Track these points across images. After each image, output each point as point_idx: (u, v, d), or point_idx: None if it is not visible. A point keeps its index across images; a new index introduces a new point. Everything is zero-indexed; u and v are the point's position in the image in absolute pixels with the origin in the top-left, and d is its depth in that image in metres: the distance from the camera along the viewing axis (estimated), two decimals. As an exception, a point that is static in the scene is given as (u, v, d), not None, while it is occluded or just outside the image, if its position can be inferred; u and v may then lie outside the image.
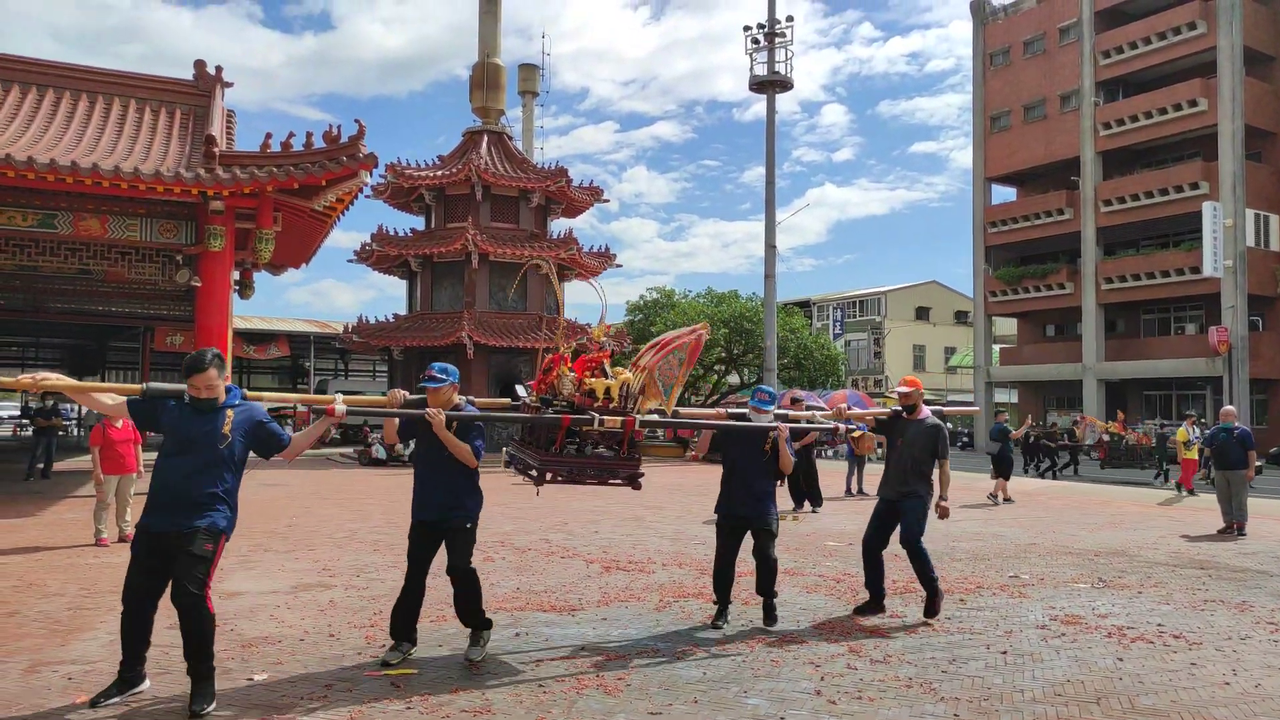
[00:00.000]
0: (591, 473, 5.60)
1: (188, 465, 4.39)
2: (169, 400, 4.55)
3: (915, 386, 6.67)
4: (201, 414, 4.46)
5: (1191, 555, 9.41)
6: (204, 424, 4.44)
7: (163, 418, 4.52)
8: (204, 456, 4.41)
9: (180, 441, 4.44)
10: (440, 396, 5.14)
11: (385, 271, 28.83)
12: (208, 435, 4.43)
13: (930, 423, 6.51)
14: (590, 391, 5.46)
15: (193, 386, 4.43)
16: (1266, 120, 32.81)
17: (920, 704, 4.50)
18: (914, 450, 6.41)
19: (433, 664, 5.13)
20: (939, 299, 58.52)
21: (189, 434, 4.43)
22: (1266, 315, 32.99)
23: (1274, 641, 5.81)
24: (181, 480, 4.37)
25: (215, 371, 4.45)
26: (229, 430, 4.47)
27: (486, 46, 28.62)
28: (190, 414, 4.47)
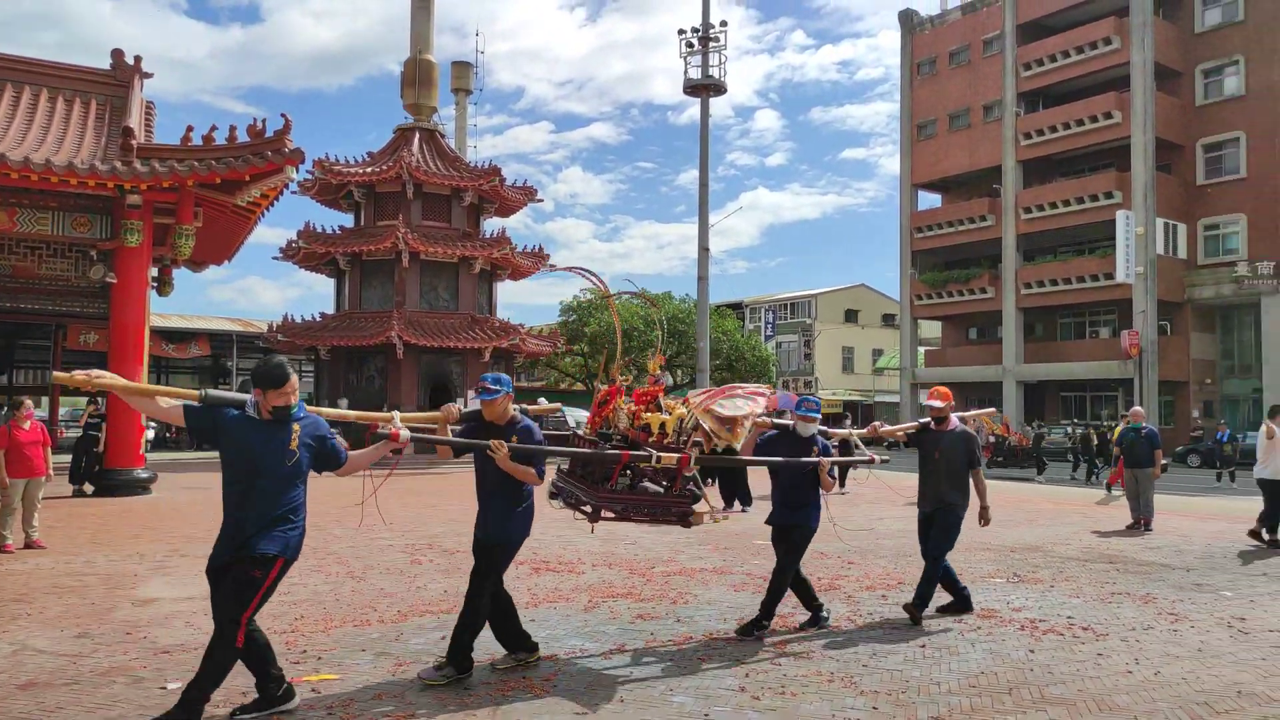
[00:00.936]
0: (645, 511, 5.51)
1: (258, 482, 4.17)
2: (230, 410, 4.27)
3: (947, 399, 6.75)
4: (268, 427, 4.21)
5: (1101, 550, 9.78)
6: (271, 437, 4.20)
7: (222, 429, 4.24)
8: (272, 472, 4.19)
9: (245, 456, 4.20)
10: (496, 408, 5.03)
11: (313, 269, 28.21)
12: (274, 451, 4.20)
13: (962, 431, 6.64)
14: (645, 427, 5.43)
15: (271, 398, 4.18)
16: (1175, 134, 34.30)
17: (841, 698, 4.60)
18: (951, 461, 6.51)
19: (355, 668, 5.05)
20: (867, 302, 59.72)
21: (256, 448, 4.19)
22: (1174, 320, 34.48)
23: (1174, 631, 6.09)
24: (254, 498, 4.15)
25: (295, 379, 4.27)
26: (296, 446, 4.26)
27: (419, 42, 28.25)
28: (256, 426, 4.21)
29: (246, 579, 4.08)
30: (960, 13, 40.08)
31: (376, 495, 5.36)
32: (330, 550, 9.32)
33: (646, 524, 5.62)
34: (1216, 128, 34.10)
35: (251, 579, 4.08)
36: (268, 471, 4.18)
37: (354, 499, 7.52)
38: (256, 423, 4.21)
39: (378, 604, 6.75)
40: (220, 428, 4.23)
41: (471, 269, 26.89)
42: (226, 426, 4.22)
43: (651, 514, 5.57)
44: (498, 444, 4.79)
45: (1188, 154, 34.74)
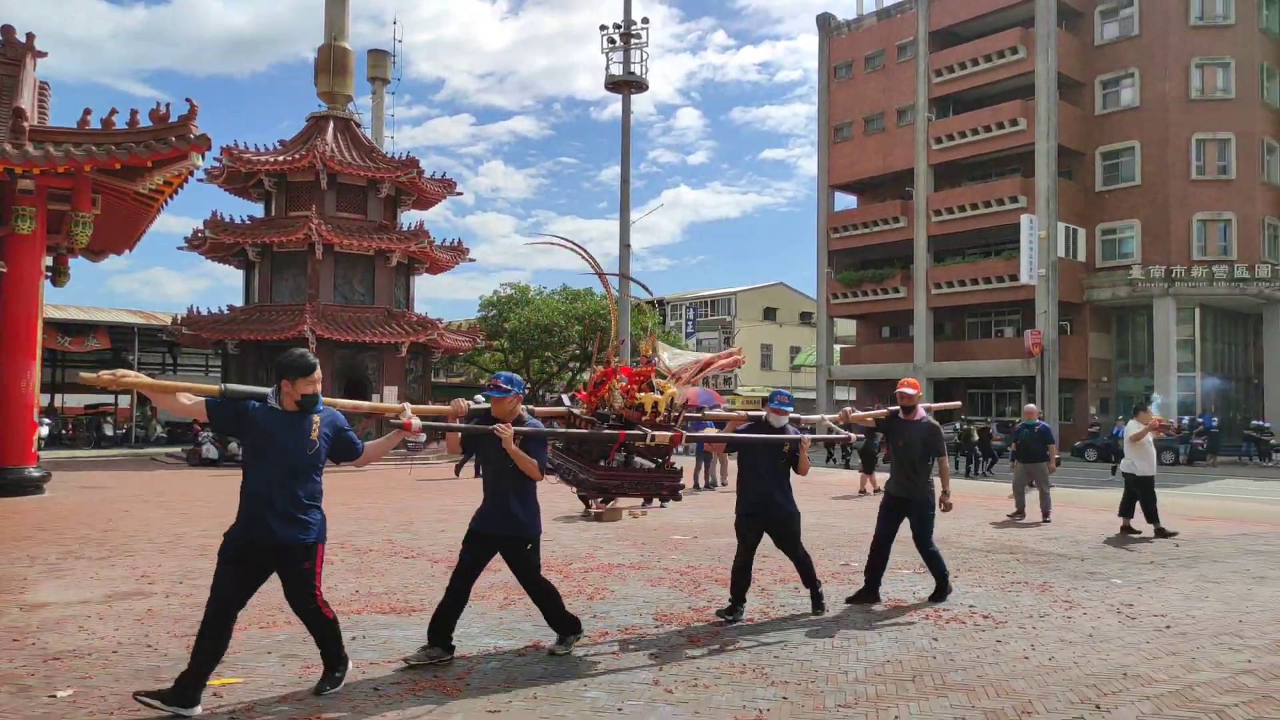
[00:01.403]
0: (639, 486, 5.85)
1: (278, 472, 4.33)
2: (251, 402, 4.41)
3: (915, 389, 7.11)
4: (291, 417, 4.38)
5: (1003, 541, 10.17)
6: (293, 429, 4.37)
7: (245, 421, 4.37)
8: (295, 462, 4.36)
9: (268, 447, 4.35)
10: (505, 406, 5.14)
11: (221, 260, 27.29)
12: (297, 441, 4.37)
13: (927, 423, 6.95)
14: (639, 405, 5.67)
15: (300, 386, 4.35)
16: (1076, 141, 35.83)
17: (752, 689, 4.67)
18: (913, 450, 6.82)
19: (260, 671, 4.91)
20: (785, 300, 60.78)
21: (278, 439, 4.35)
22: (1074, 321, 36.03)
23: (1068, 618, 6.37)
24: (273, 487, 4.31)
25: (319, 373, 4.44)
26: (317, 436, 4.43)
27: (334, 29, 27.57)
28: (279, 417, 4.37)
29: (302, 573, 4.41)
30: (876, 18, 41.05)
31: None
32: (236, 550, 9.03)
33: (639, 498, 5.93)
34: (1114, 137, 35.74)
35: (305, 571, 4.42)
36: (292, 460, 4.35)
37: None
38: (280, 413, 4.38)
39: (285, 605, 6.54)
40: (244, 419, 4.37)
41: (388, 262, 26.39)
42: (250, 418, 4.37)
43: (644, 489, 5.94)
44: (503, 426, 4.97)
45: (1087, 161, 36.33)
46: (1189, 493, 17.86)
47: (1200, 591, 7.34)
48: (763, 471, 6.28)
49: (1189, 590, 7.40)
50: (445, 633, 5.14)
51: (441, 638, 5.13)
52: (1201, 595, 7.18)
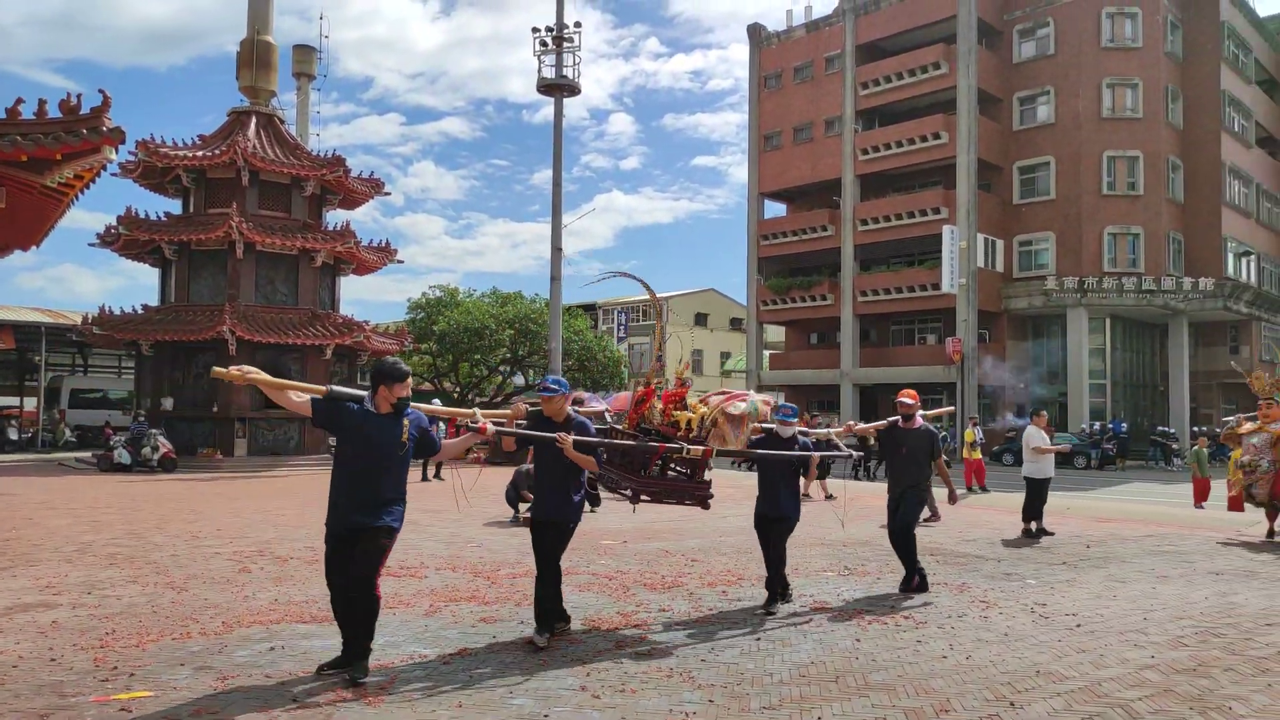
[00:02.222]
0: (674, 495, 6.71)
1: (374, 467, 4.87)
2: (351, 404, 4.92)
3: (914, 399, 7.72)
4: (385, 420, 4.90)
5: (923, 544, 10.39)
6: (388, 429, 4.90)
7: (345, 421, 4.90)
8: (388, 459, 4.90)
9: (365, 445, 4.87)
10: (554, 405, 5.75)
11: (135, 258, 26.30)
12: (390, 440, 4.90)
13: (925, 429, 7.64)
14: (674, 422, 6.49)
15: (396, 390, 4.90)
16: (995, 156, 37.02)
17: (679, 692, 4.69)
18: (917, 455, 7.51)
19: (172, 684, 4.74)
20: (716, 306, 61.33)
21: (374, 438, 4.87)
22: (992, 329, 37.19)
23: (985, 618, 6.56)
24: (368, 481, 4.85)
25: (406, 385, 4.97)
26: (407, 437, 4.95)
27: (257, 22, 26.85)
28: (375, 419, 4.89)
29: (378, 547, 4.85)
30: (805, 31, 41.78)
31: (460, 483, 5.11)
32: (149, 559, 8.71)
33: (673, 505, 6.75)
34: (1030, 152, 37.04)
35: (382, 546, 4.88)
36: (385, 458, 4.89)
37: (181, 505, 7.04)
38: (375, 415, 4.90)
39: (200, 615, 6.36)
40: (342, 418, 4.90)
41: (313, 262, 25.78)
42: (348, 418, 4.89)
43: (679, 497, 6.72)
44: (564, 436, 5.53)
45: (1005, 175, 37.57)
46: (1100, 496, 18.58)
47: (1109, 591, 7.63)
48: (775, 479, 6.93)
49: (1098, 590, 7.69)
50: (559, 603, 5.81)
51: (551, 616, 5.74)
52: (1110, 594, 7.47)
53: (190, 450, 23.49)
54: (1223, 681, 5.00)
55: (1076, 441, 29.76)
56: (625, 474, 6.41)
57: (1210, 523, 12.46)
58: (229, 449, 23.90)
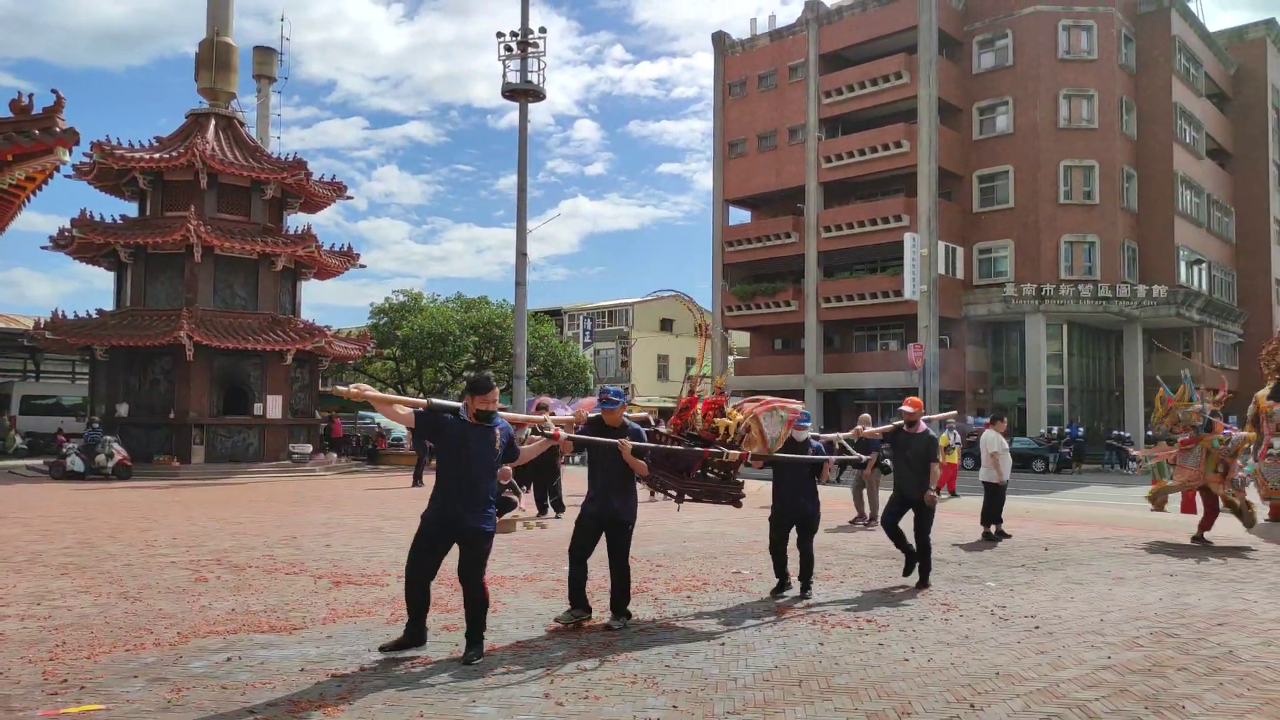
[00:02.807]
0: (711, 496, 7.35)
1: (471, 472, 5.41)
2: (447, 415, 5.49)
3: (918, 407, 8.45)
4: (479, 429, 5.45)
5: (886, 547, 10.46)
6: (482, 438, 5.46)
7: (444, 430, 5.45)
8: (483, 465, 5.46)
9: (462, 452, 5.41)
10: (615, 415, 6.39)
11: (90, 262, 25.80)
12: (485, 448, 5.46)
13: (928, 435, 8.31)
14: (714, 428, 7.11)
15: (481, 401, 5.42)
16: (955, 164, 37.56)
17: (643, 698, 4.68)
18: (920, 458, 8.12)
19: (124, 697, 4.63)
20: (682, 312, 61.35)
21: (470, 446, 5.41)
22: (953, 335, 37.68)
23: (945, 620, 6.63)
24: (467, 485, 5.39)
25: (497, 391, 5.54)
26: (499, 445, 5.53)
27: (216, 22, 26.50)
28: (469, 429, 5.43)
29: (481, 551, 5.46)
30: (769, 39, 42.10)
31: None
32: (102, 568, 8.51)
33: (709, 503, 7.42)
34: (989, 161, 37.64)
35: (484, 551, 5.48)
36: (478, 464, 5.44)
37: (136, 514, 6.89)
38: (469, 425, 5.44)
39: (154, 626, 6.23)
40: (441, 428, 5.46)
41: (273, 266, 25.45)
42: (445, 428, 5.45)
43: (715, 497, 7.41)
44: (624, 441, 6.17)
45: (966, 184, 38.13)
46: (1058, 499, 18.89)
47: (1067, 593, 7.75)
48: (791, 481, 7.56)
49: (1056, 592, 7.81)
50: (582, 596, 6.32)
51: (580, 600, 6.31)
52: (1068, 596, 7.59)
53: (146, 457, 23.04)
54: (1176, 681, 5.09)
55: (1035, 446, 30.23)
56: (670, 476, 7.02)
57: (1165, 525, 12.71)
58: (186, 456, 23.47)
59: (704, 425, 7.08)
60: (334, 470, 25.61)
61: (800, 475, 7.54)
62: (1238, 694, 4.86)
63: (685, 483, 7.08)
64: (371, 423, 36.77)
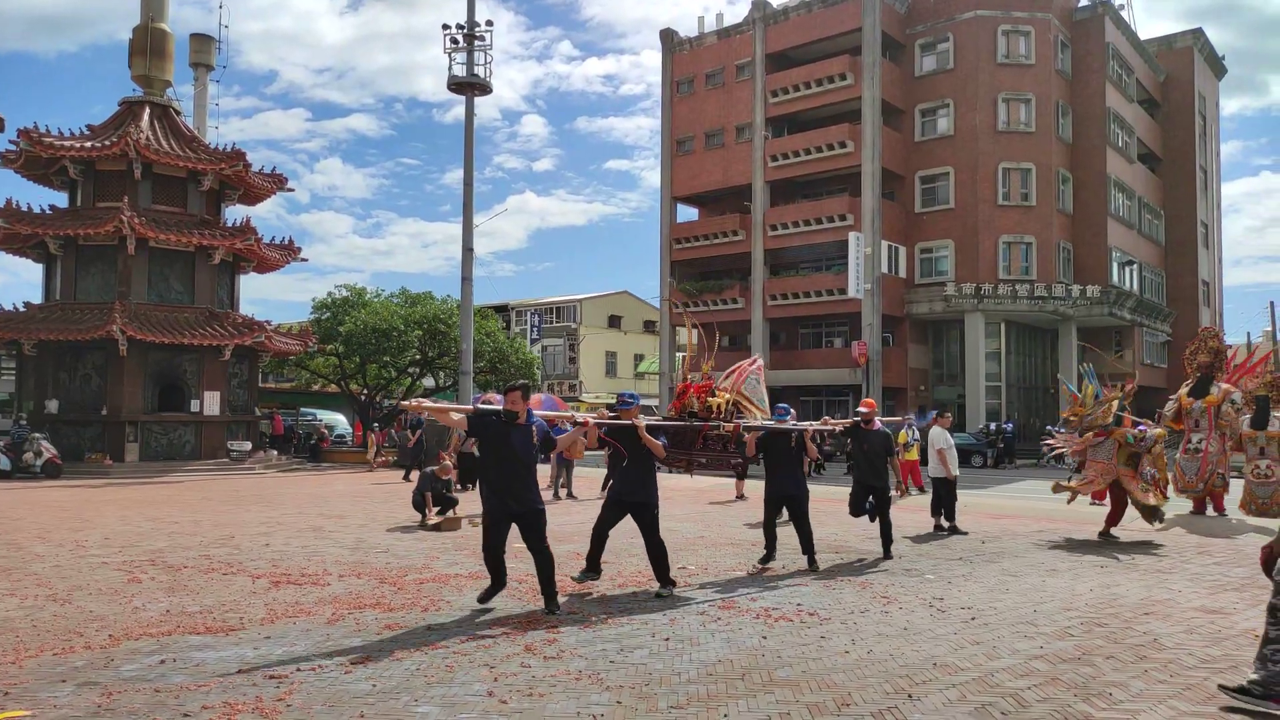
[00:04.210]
0: (716, 464, 8.95)
1: (516, 466, 6.46)
2: (491, 417, 6.58)
3: (872, 407, 9.67)
4: (518, 429, 6.48)
5: (829, 542, 10.65)
6: (521, 437, 6.50)
7: (490, 430, 6.51)
8: (525, 460, 6.51)
9: (505, 449, 6.45)
10: (631, 414, 7.36)
11: (16, 253, 24.94)
12: (525, 445, 6.52)
13: (883, 431, 9.59)
14: (709, 407, 8.23)
15: (512, 403, 6.46)
16: (898, 165, 38.20)
17: (587, 695, 4.68)
18: (875, 452, 9.35)
19: (52, 702, 4.48)
20: (630, 308, 61.51)
21: (512, 444, 6.45)
22: (895, 333, 38.35)
23: (885, 613, 6.75)
24: (514, 477, 6.46)
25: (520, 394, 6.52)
26: (536, 439, 6.60)
27: (151, 9, 25.76)
28: (509, 429, 6.47)
29: (540, 521, 6.61)
30: (716, 38, 42.32)
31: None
32: (29, 570, 8.24)
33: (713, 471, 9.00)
34: (931, 162, 38.36)
35: (543, 521, 6.63)
36: (521, 458, 6.49)
37: (66, 513, 6.66)
38: (510, 425, 6.49)
39: (85, 628, 6.05)
40: (487, 428, 6.54)
41: (210, 259, 24.85)
42: (491, 427, 6.52)
43: (720, 464, 9.02)
44: (638, 422, 7.22)
45: (908, 184, 38.80)
46: (994, 493, 19.34)
47: (1002, 585, 7.95)
48: (781, 464, 8.53)
49: (992, 584, 8.00)
50: (597, 562, 7.42)
51: (595, 565, 7.41)
52: (1003, 588, 7.79)
53: (77, 455, 22.35)
54: (1105, 669, 5.26)
55: (974, 441, 30.92)
56: (679, 451, 8.23)
57: (1096, 518, 13.09)
58: (119, 454, 22.81)
59: (700, 405, 8.21)
60: (274, 468, 25.11)
61: (789, 462, 8.54)
62: (1161, 680, 5.04)
63: (693, 453, 8.37)
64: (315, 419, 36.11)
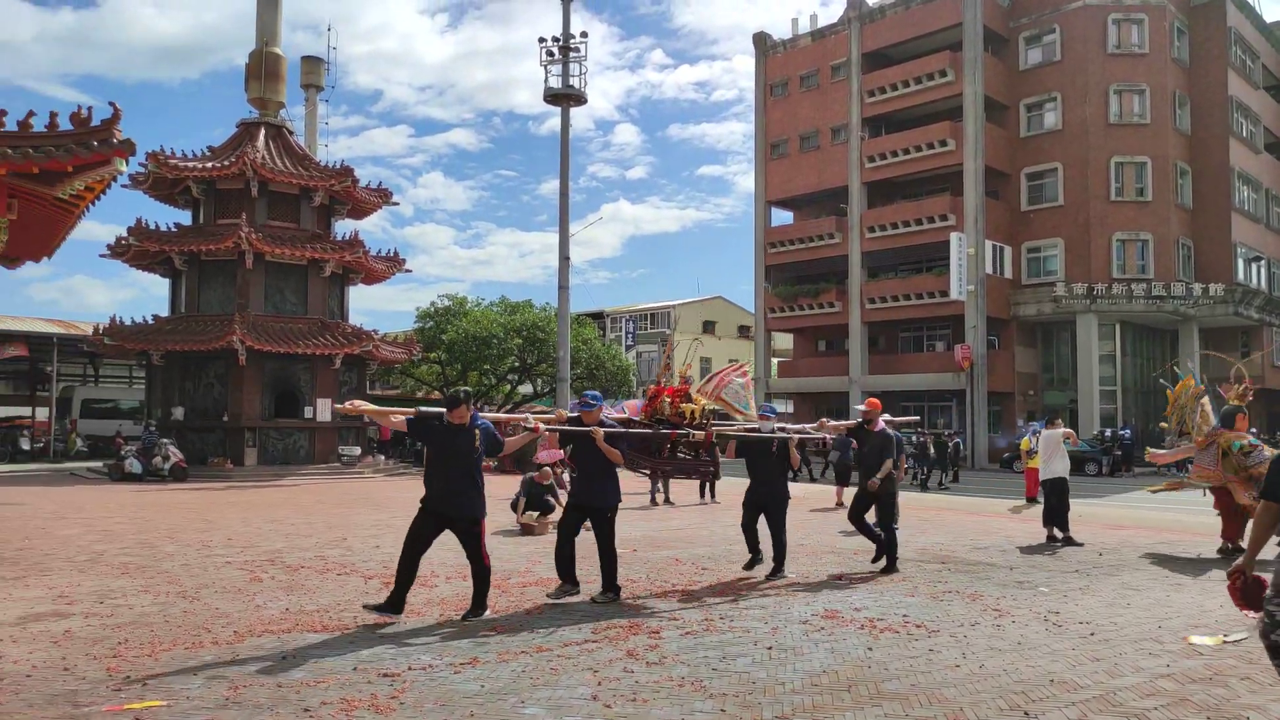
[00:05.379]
0: (683, 471, 8.59)
1: (455, 469, 6.40)
2: (434, 421, 6.48)
3: (875, 407, 9.19)
4: (461, 431, 6.43)
5: (935, 552, 10.38)
6: (463, 440, 6.43)
7: (432, 433, 6.47)
8: (465, 463, 6.42)
9: (447, 452, 6.43)
10: (592, 415, 7.16)
11: (145, 269, 26.47)
12: (466, 448, 6.43)
13: (883, 432, 9.03)
14: (681, 413, 7.82)
15: (452, 416, 6.42)
16: (1002, 162, 36.97)
17: (690, 702, 4.67)
18: (874, 455, 8.86)
19: (185, 694, 4.74)
20: (724, 314, 61.30)
21: (456, 447, 6.42)
22: (1001, 335, 37.08)
23: (997, 626, 6.52)
24: (452, 480, 6.40)
25: (465, 407, 6.45)
26: (479, 444, 6.46)
27: (265, 33, 27.04)
28: (452, 432, 6.44)
29: (473, 533, 6.48)
30: (810, 39, 41.86)
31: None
32: (161, 569, 8.73)
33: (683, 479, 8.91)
34: (1038, 158, 36.98)
35: (476, 533, 6.50)
36: (462, 461, 6.41)
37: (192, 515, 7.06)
38: (453, 428, 6.43)
39: (212, 624, 6.37)
40: (430, 432, 6.49)
41: (321, 272, 25.91)
42: (433, 431, 6.47)
43: (688, 472, 8.81)
44: (595, 429, 7.00)
45: (1013, 182, 37.51)
46: (1111, 503, 18.48)
47: (1122, 599, 7.58)
48: (761, 469, 8.34)
49: (1112, 598, 7.64)
50: (571, 571, 7.18)
51: (569, 576, 7.18)
52: (1124, 602, 7.42)
53: (201, 460, 23.57)
54: (1239, 690, 4.96)
55: (1087, 448, 29.61)
56: (645, 457, 7.79)
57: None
58: (239, 458, 23.97)
59: (672, 410, 7.82)
60: (382, 472, 25.96)
61: (769, 463, 8.32)
62: (1304, 704, 4.72)
63: (659, 462, 8.01)
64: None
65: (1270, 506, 3.92)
